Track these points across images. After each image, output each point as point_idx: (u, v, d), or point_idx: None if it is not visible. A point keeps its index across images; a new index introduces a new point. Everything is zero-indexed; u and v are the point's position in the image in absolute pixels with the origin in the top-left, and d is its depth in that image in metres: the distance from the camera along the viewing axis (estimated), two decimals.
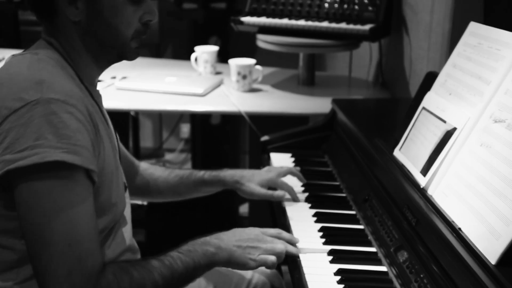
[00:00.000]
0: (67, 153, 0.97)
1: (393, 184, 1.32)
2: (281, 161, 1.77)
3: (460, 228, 1.05)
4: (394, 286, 1.14)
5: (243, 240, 1.19)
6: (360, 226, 1.39)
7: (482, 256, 0.96)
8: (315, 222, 1.40)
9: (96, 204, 1.05)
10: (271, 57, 2.76)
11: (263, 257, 1.18)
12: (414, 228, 1.17)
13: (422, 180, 1.22)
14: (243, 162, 3.34)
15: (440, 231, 1.07)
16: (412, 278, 1.11)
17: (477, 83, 1.19)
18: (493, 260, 0.94)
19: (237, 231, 1.21)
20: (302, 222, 1.40)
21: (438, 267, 1.05)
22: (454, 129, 1.18)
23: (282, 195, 1.49)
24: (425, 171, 1.22)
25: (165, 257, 1.10)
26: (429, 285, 1.05)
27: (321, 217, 1.42)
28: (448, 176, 1.15)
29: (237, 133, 3.23)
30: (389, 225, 1.28)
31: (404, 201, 1.24)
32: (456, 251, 1.00)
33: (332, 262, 1.22)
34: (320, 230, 1.35)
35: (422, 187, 1.21)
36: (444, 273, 1.02)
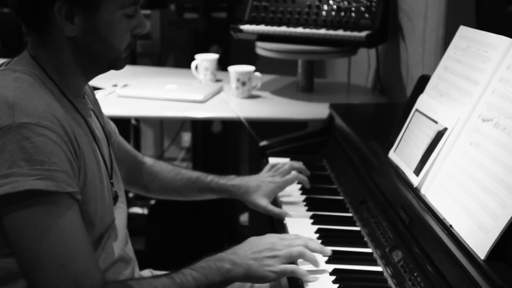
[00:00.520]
0: (40, 179, 0.97)
1: (388, 186, 1.34)
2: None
3: (451, 225, 1.07)
4: (389, 286, 1.16)
5: (259, 251, 1.14)
6: (356, 228, 1.41)
7: (472, 252, 0.98)
8: (312, 224, 1.42)
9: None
10: (271, 66, 2.80)
11: (282, 267, 1.13)
12: (408, 227, 1.19)
13: (415, 180, 1.24)
14: (244, 170, 3.36)
15: (432, 228, 1.09)
16: (406, 277, 1.13)
17: (466, 84, 1.21)
18: (482, 255, 0.96)
19: (253, 242, 1.16)
20: (299, 223, 1.43)
21: (431, 265, 1.07)
22: (445, 129, 1.21)
23: (284, 214, 1.46)
24: (418, 171, 1.24)
25: (176, 274, 1.08)
26: (423, 283, 1.07)
27: (318, 219, 1.44)
28: (440, 175, 1.18)
29: (237, 141, 3.25)
30: (384, 226, 1.30)
31: (398, 201, 1.26)
32: (447, 247, 1.02)
33: (328, 262, 1.23)
34: (316, 232, 1.37)
35: (415, 186, 1.23)
36: (436, 270, 1.04)
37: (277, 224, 1.48)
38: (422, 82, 1.44)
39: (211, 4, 3.27)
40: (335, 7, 2.24)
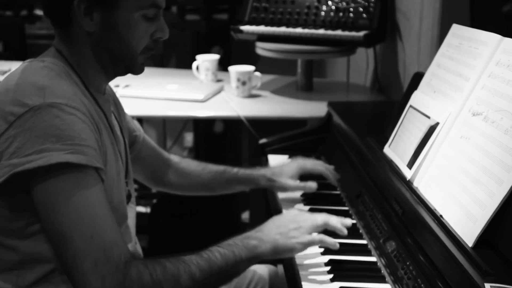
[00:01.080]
0: (71, 153, 1.00)
1: (382, 179, 1.38)
2: (278, 163, 1.83)
3: (441, 216, 1.11)
4: (383, 275, 1.20)
5: (283, 225, 1.18)
6: (352, 221, 1.44)
7: (460, 240, 1.02)
8: None
9: None
10: (271, 67, 2.83)
11: (310, 237, 1.18)
12: (401, 219, 1.23)
13: (408, 173, 1.28)
14: None
15: (424, 219, 1.12)
16: (399, 266, 1.16)
17: (458, 80, 1.25)
18: (470, 243, 1.00)
19: (276, 219, 1.21)
20: None
21: (422, 254, 1.10)
22: (437, 124, 1.25)
23: (315, 187, 1.51)
24: (411, 164, 1.28)
25: (203, 251, 1.11)
26: (414, 271, 1.11)
27: (315, 213, 1.47)
28: (432, 168, 1.22)
29: (238, 140, 3.29)
30: (379, 218, 1.34)
31: (392, 194, 1.29)
32: (437, 236, 1.06)
33: (323, 254, 1.27)
34: None
35: (408, 179, 1.27)
36: (427, 259, 1.08)
37: (274, 211, 1.52)
38: (416, 79, 1.48)
39: (212, 6, 3.32)
40: (333, 7, 2.28)
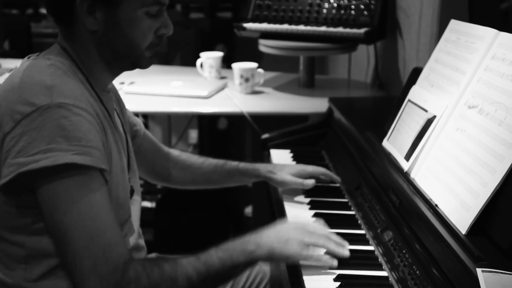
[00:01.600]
0: (77, 154, 1.01)
1: (380, 171, 1.41)
2: (280, 157, 1.87)
3: (436, 205, 1.14)
4: (380, 263, 1.23)
5: (284, 232, 1.16)
6: (351, 212, 1.48)
7: (454, 228, 1.05)
8: (310, 209, 1.50)
9: None
10: (274, 64, 2.87)
11: (306, 252, 1.16)
12: (398, 209, 1.26)
13: (405, 165, 1.31)
14: None
15: (419, 208, 1.16)
16: (396, 254, 1.20)
17: (455, 75, 1.28)
18: (463, 231, 1.03)
19: (278, 226, 1.19)
20: (297, 208, 1.50)
21: (418, 242, 1.14)
22: (434, 117, 1.28)
23: (312, 183, 1.53)
24: (408, 157, 1.32)
25: (201, 254, 1.10)
26: (410, 259, 1.14)
27: (315, 205, 1.51)
28: (428, 159, 1.25)
29: (242, 137, 3.33)
30: (377, 209, 1.37)
31: (390, 185, 1.33)
32: (432, 224, 1.09)
33: None
34: (313, 216, 1.44)
35: (405, 171, 1.31)
36: (422, 246, 1.11)
37: (277, 210, 1.56)
38: (415, 74, 1.51)
39: (216, 4, 3.35)
40: (335, 5, 2.32)
